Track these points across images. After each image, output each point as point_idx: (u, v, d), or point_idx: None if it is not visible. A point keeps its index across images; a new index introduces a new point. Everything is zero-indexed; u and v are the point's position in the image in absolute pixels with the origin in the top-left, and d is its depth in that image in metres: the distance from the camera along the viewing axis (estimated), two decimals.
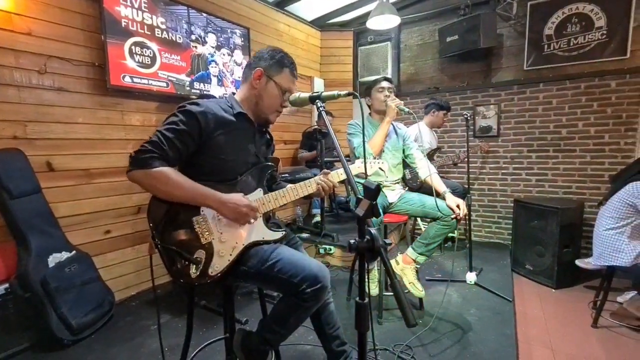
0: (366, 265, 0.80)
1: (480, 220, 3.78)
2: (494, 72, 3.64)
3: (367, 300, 0.75)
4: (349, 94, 1.18)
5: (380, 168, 1.40)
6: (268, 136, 1.43)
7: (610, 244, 2.09)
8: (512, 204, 3.31)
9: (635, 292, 2.29)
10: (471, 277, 2.59)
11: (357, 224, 0.74)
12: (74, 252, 2.06)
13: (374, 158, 1.49)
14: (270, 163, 1.33)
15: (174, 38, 2.63)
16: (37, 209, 1.97)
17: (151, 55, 2.48)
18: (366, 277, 0.86)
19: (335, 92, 1.18)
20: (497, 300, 2.36)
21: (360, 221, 0.73)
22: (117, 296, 2.31)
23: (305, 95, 1.22)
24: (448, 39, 3.63)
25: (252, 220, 1.21)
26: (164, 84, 2.58)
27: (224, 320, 1.50)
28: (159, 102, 2.63)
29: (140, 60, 2.42)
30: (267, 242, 1.25)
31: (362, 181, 1.04)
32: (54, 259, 1.95)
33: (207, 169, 1.20)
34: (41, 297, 1.83)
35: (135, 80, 2.39)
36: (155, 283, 2.53)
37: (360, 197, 0.77)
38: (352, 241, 0.74)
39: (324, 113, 1.13)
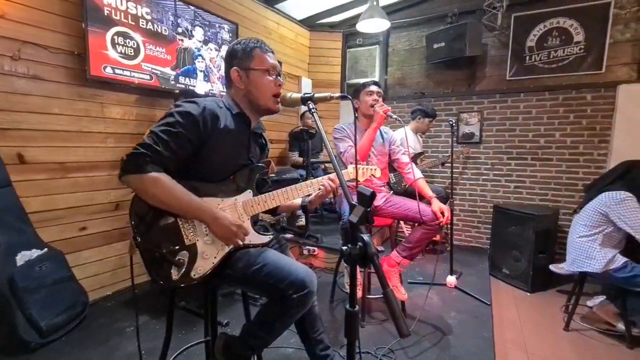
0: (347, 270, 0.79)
1: (461, 225, 3.87)
2: (478, 80, 3.73)
3: (357, 308, 0.74)
4: (342, 97, 1.17)
5: (372, 175, 1.39)
6: (263, 141, 1.39)
7: (583, 251, 2.17)
8: (492, 210, 3.40)
9: (604, 297, 2.40)
10: (451, 280, 2.63)
11: (349, 230, 0.73)
12: (45, 249, 1.96)
13: (366, 163, 1.49)
14: (260, 164, 1.30)
15: (159, 30, 2.54)
16: (5, 204, 1.85)
17: (135, 46, 2.39)
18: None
19: (328, 94, 1.16)
20: (475, 304, 2.41)
21: (353, 227, 0.72)
22: (91, 296, 2.21)
23: (297, 95, 1.20)
24: (435, 46, 3.69)
25: (240, 242, 1.16)
26: (148, 77, 2.48)
27: (205, 323, 1.46)
28: (141, 95, 2.53)
29: (123, 51, 2.32)
30: (254, 246, 1.22)
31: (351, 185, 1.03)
32: (22, 257, 1.84)
33: (197, 169, 1.15)
34: (7, 297, 1.72)
35: (117, 71, 2.30)
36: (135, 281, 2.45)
37: (354, 203, 0.75)
38: (344, 248, 0.73)
39: (316, 115, 1.12)
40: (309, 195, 1.36)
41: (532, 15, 3.41)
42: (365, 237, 0.71)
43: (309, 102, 1.15)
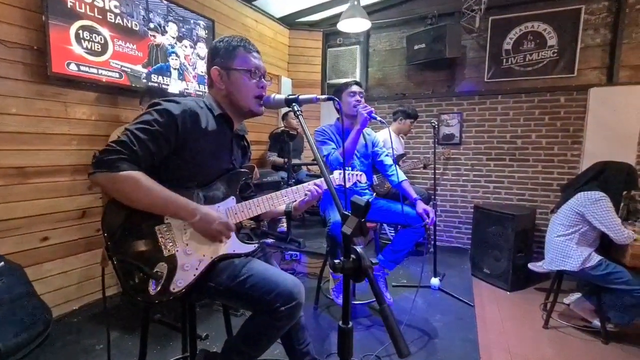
0: (332, 276, 0.76)
1: (442, 225, 3.95)
2: (458, 81, 3.82)
3: (351, 324, 0.71)
4: (329, 99, 1.15)
5: (358, 180, 1.38)
6: (245, 143, 1.36)
7: (560, 250, 2.26)
8: (472, 210, 3.49)
9: (580, 294, 2.51)
10: (435, 282, 2.67)
11: (342, 243, 0.70)
12: (1, 263, 1.81)
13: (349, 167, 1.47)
14: (244, 170, 1.25)
15: (129, 25, 2.42)
16: None
17: (102, 42, 2.26)
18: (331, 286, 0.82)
19: (313, 96, 1.14)
20: (459, 305, 2.46)
21: (346, 240, 0.69)
22: (55, 312, 2.07)
23: (281, 97, 1.17)
24: (415, 47, 3.74)
25: (224, 239, 1.13)
26: (117, 75, 2.36)
27: (183, 338, 1.40)
28: (110, 94, 2.40)
29: (89, 47, 2.19)
30: (238, 256, 1.17)
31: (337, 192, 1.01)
32: None
33: (176, 174, 1.10)
34: None
35: (82, 68, 2.17)
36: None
37: (346, 212, 0.73)
38: (336, 261, 0.70)
39: (301, 118, 1.09)
40: (294, 201, 1.33)
41: (508, 19, 3.53)
42: (359, 249, 0.69)
43: (294, 104, 1.11)
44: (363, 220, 0.68)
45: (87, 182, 2.30)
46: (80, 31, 2.14)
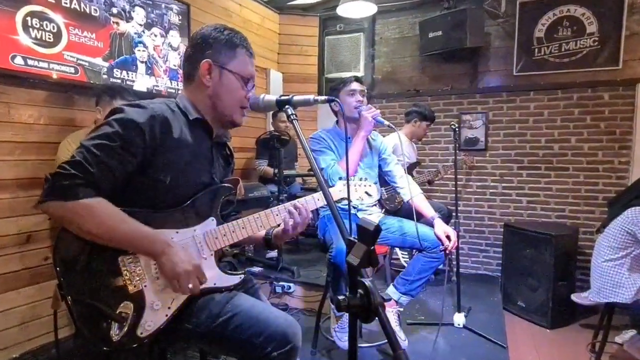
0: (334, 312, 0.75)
1: (467, 248, 3.96)
2: (481, 75, 3.89)
3: None
4: (328, 101, 1.18)
5: (366, 192, 1.40)
6: (228, 152, 1.38)
7: (609, 278, 2.28)
8: (502, 229, 3.51)
9: (635, 331, 2.52)
10: (459, 319, 2.67)
11: (349, 276, 0.71)
12: None
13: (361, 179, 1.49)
14: (227, 185, 1.27)
15: (87, 10, 2.47)
16: None
17: (55, 30, 2.30)
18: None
19: (310, 97, 1.16)
20: (489, 347, 2.45)
21: (352, 272, 0.70)
22: None
23: (271, 98, 1.19)
24: (430, 35, 3.82)
25: (195, 290, 1.09)
26: (72, 70, 2.39)
27: None
28: (63, 93, 2.43)
29: (39, 37, 2.23)
30: (220, 290, 1.17)
31: (344, 211, 1.02)
32: None
33: (144, 193, 1.11)
34: None
35: (30, 62, 2.19)
36: (51, 338, 2.28)
37: (352, 238, 0.74)
38: (341, 298, 0.71)
39: (297, 124, 1.11)
40: (277, 225, 1.33)
41: (540, 2, 3.62)
42: (368, 282, 0.70)
43: (287, 106, 1.14)
44: (372, 248, 0.70)
45: (33, 200, 2.29)
46: (29, 18, 2.17)
